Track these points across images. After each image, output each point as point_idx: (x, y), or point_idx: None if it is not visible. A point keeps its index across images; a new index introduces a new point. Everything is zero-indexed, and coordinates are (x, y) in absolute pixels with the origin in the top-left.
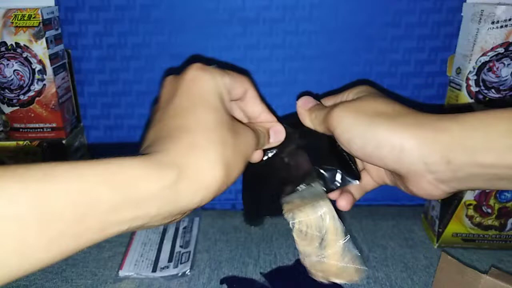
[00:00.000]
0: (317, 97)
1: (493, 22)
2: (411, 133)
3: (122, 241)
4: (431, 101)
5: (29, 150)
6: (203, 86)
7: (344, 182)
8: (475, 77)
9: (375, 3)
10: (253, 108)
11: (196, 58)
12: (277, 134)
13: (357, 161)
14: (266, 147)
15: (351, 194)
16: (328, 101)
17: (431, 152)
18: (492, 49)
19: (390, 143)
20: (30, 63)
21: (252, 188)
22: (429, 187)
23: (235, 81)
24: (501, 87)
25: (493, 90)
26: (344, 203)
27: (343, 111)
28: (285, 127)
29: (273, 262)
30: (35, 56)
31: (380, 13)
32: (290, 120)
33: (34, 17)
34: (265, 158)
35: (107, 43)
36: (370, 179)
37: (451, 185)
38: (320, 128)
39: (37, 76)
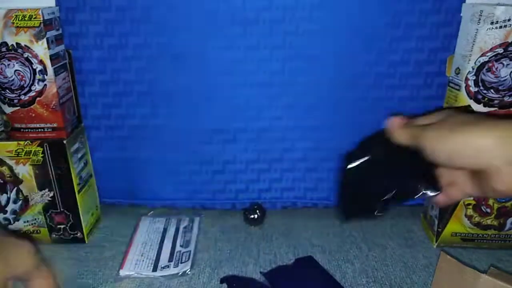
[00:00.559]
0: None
1: (492, 23)
2: (488, 133)
3: (123, 241)
4: (430, 102)
5: (30, 150)
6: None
7: (426, 194)
8: (474, 78)
9: (375, 4)
10: None
11: None
12: None
13: (442, 176)
14: None
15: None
16: (416, 120)
17: (508, 148)
18: (491, 50)
19: (470, 144)
20: (31, 63)
21: (353, 187)
22: (509, 179)
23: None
24: (500, 87)
25: (492, 90)
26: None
27: (432, 129)
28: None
29: (273, 261)
30: (36, 56)
31: (380, 14)
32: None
33: (35, 18)
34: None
35: (108, 43)
36: (454, 192)
37: None
38: (410, 142)
39: (38, 76)
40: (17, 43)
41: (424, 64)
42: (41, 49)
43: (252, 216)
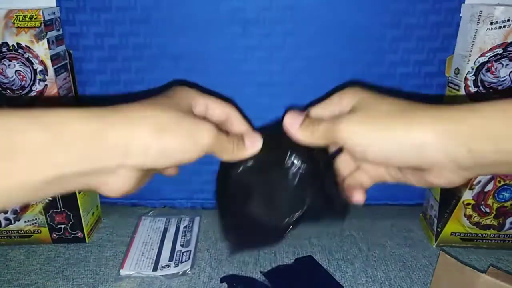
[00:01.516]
0: (302, 108)
1: (491, 23)
2: (430, 128)
3: (123, 240)
4: (429, 102)
5: None
6: (184, 90)
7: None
8: (473, 78)
9: (374, 4)
10: (238, 127)
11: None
12: (253, 141)
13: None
14: (242, 155)
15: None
16: (317, 111)
17: (453, 144)
18: (490, 50)
19: (411, 141)
20: (32, 63)
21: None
22: (450, 175)
23: (215, 103)
24: (499, 88)
25: (491, 91)
26: (360, 197)
27: (352, 122)
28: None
29: (273, 261)
30: (36, 56)
31: (379, 14)
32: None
33: (35, 18)
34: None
35: (108, 44)
36: (366, 178)
37: (473, 171)
38: (321, 142)
39: (38, 76)
40: (17, 44)
41: (423, 64)
42: (41, 50)
43: None
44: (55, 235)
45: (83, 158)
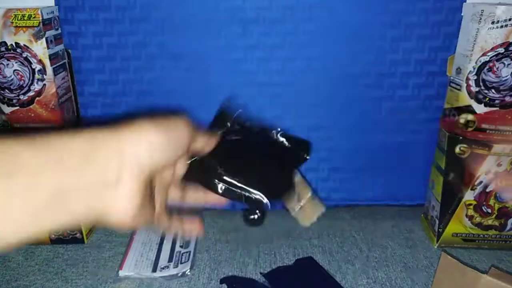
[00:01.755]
0: None
1: (493, 22)
2: None
3: (122, 241)
4: (431, 101)
5: None
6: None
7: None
8: (475, 77)
9: (375, 4)
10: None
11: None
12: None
13: None
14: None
15: None
16: None
17: None
18: (492, 49)
19: None
20: (30, 63)
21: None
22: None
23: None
24: (501, 87)
25: (493, 90)
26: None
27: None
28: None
29: (273, 262)
30: (35, 56)
31: (380, 14)
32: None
33: (34, 17)
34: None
35: (107, 43)
36: None
37: None
38: None
39: (37, 76)
40: (16, 43)
41: (425, 64)
42: (40, 49)
43: (252, 217)
44: (53, 236)
45: (80, 169)
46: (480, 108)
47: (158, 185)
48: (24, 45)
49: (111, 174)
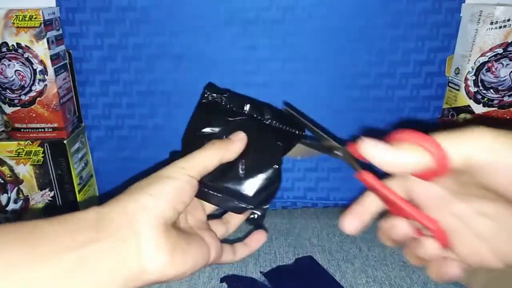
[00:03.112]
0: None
1: (492, 23)
2: None
3: None
4: (430, 102)
5: (31, 150)
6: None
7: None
8: (473, 78)
9: (374, 4)
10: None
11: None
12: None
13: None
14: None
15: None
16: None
17: None
18: (490, 50)
19: None
20: (32, 63)
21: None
22: None
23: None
24: (499, 88)
25: (491, 91)
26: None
27: (491, 132)
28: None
29: (273, 261)
30: (36, 56)
31: (379, 14)
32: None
33: (35, 18)
34: None
35: (108, 43)
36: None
37: None
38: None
39: (38, 76)
40: (17, 43)
41: (424, 64)
42: (41, 49)
43: (252, 216)
44: None
45: (95, 233)
46: (478, 109)
47: (195, 224)
48: (26, 45)
49: (125, 230)
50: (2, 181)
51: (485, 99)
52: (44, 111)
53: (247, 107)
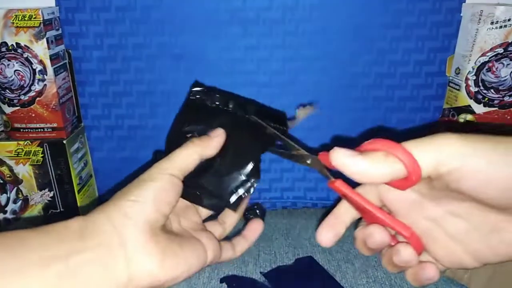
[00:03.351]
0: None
1: (492, 23)
2: None
3: None
4: (430, 102)
5: (30, 150)
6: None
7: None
8: (474, 77)
9: (375, 4)
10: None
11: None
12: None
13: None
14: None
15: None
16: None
17: None
18: (491, 50)
19: None
20: (31, 63)
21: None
22: None
23: None
24: (500, 87)
25: (492, 90)
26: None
27: (457, 138)
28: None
29: (273, 262)
30: (35, 56)
31: (380, 14)
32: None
33: (34, 18)
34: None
35: (107, 43)
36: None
37: None
38: (397, 173)
39: (37, 76)
40: (17, 43)
41: (424, 64)
42: (41, 49)
43: (252, 216)
44: None
45: (80, 241)
46: (479, 108)
47: (190, 226)
48: (25, 45)
49: (111, 239)
50: (1, 181)
51: (486, 99)
52: (43, 111)
53: (231, 105)
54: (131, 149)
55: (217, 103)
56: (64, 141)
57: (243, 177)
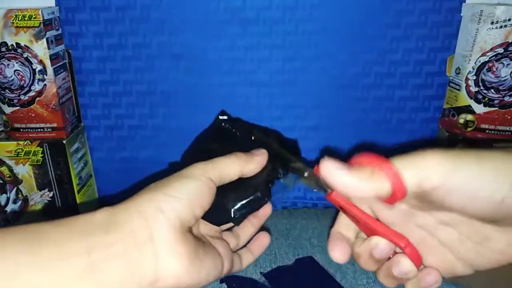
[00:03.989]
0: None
1: (492, 23)
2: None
3: None
4: (430, 101)
5: (30, 150)
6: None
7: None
8: (474, 77)
9: (375, 4)
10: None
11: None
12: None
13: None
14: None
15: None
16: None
17: None
18: (491, 49)
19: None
20: (31, 63)
21: None
22: None
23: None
24: (500, 87)
25: (492, 90)
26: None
27: (439, 154)
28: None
29: (273, 262)
30: (35, 56)
31: (380, 14)
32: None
33: (34, 18)
34: None
35: (107, 43)
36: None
37: None
38: (384, 190)
39: (37, 76)
40: (16, 43)
41: (424, 64)
42: (40, 49)
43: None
44: None
45: (105, 235)
46: (479, 108)
47: (209, 233)
48: (25, 45)
49: (140, 233)
50: (1, 181)
51: (486, 99)
52: (43, 111)
53: (254, 134)
54: (131, 149)
55: (241, 133)
56: (64, 141)
57: (251, 197)
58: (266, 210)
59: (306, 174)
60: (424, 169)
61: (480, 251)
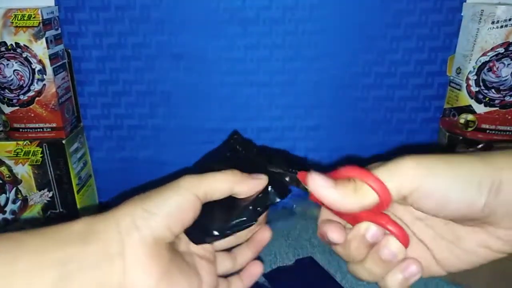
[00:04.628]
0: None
1: (493, 22)
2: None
3: None
4: (430, 101)
5: (29, 150)
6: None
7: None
8: (475, 77)
9: (375, 4)
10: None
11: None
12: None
13: None
14: None
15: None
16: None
17: None
18: (492, 49)
19: (482, 183)
20: (30, 63)
21: None
22: None
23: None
24: (501, 87)
25: (493, 90)
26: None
27: (414, 160)
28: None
29: (273, 262)
30: (35, 56)
31: (380, 14)
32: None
33: (34, 17)
34: None
35: (107, 43)
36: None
37: None
38: (369, 200)
39: (37, 76)
40: (16, 43)
41: (425, 64)
42: (40, 49)
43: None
44: None
45: (81, 246)
46: (480, 108)
47: (197, 251)
48: (24, 45)
49: (113, 246)
50: (0, 181)
51: (487, 98)
52: (42, 111)
53: (264, 157)
54: (131, 149)
55: (252, 153)
56: (63, 141)
57: (235, 220)
58: (264, 236)
59: (287, 179)
60: (401, 175)
61: (453, 251)
